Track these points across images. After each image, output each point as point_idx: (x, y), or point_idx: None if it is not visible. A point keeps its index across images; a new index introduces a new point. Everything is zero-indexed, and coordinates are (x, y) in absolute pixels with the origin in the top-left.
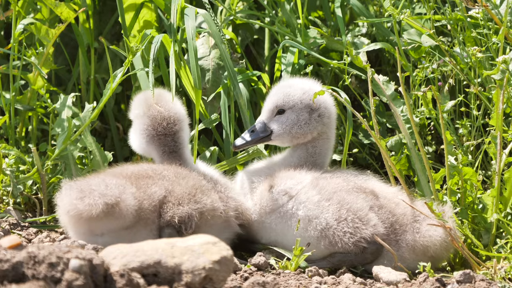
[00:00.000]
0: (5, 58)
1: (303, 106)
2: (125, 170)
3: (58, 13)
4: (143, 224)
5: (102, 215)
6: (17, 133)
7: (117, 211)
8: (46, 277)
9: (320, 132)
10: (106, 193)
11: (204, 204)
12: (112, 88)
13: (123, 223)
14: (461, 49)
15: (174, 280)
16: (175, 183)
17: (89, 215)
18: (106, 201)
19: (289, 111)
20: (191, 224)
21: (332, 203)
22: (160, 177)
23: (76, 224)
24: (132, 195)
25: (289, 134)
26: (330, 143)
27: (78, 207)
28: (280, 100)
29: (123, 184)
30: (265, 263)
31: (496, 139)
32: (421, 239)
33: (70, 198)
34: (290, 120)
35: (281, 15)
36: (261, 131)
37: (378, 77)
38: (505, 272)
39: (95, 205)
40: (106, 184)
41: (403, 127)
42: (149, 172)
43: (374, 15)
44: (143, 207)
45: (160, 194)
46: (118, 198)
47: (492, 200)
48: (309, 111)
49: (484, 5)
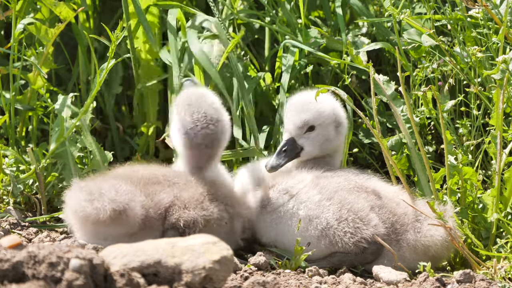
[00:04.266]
0: (5, 58)
1: (331, 121)
2: (136, 174)
3: (57, 13)
4: (148, 231)
5: (109, 220)
6: (17, 133)
7: (124, 218)
8: (46, 276)
9: (341, 143)
10: (115, 199)
11: (211, 212)
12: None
13: (128, 230)
14: (461, 49)
15: (174, 279)
16: (183, 190)
17: (96, 219)
18: (115, 207)
19: (319, 127)
20: (195, 229)
21: (333, 203)
22: (170, 184)
23: (82, 225)
24: (140, 204)
25: (319, 150)
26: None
27: (86, 209)
28: (311, 117)
29: (132, 191)
30: (265, 263)
31: (496, 138)
32: (422, 238)
33: (79, 199)
34: (320, 136)
35: (282, 14)
36: (292, 150)
37: (378, 76)
38: (505, 271)
39: (103, 210)
40: (116, 190)
41: (403, 126)
42: (160, 177)
43: (374, 15)
44: (149, 216)
45: (167, 201)
46: (127, 206)
47: (492, 199)
48: (336, 126)
49: (484, 5)
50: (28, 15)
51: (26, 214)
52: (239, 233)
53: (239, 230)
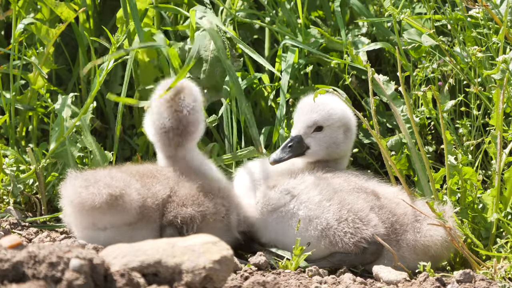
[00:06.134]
0: (5, 58)
1: (341, 124)
2: (130, 169)
3: (58, 13)
4: (146, 222)
5: (105, 206)
6: (17, 132)
7: (121, 203)
8: (46, 276)
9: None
10: (111, 184)
11: (207, 207)
12: (99, 81)
13: (126, 218)
14: (461, 49)
15: (175, 279)
16: (180, 184)
17: (92, 205)
18: (111, 192)
19: (327, 129)
20: (193, 225)
21: (333, 203)
22: (165, 178)
23: (79, 216)
24: (136, 191)
25: (325, 152)
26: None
27: (82, 195)
28: (320, 118)
29: (128, 179)
30: (265, 263)
31: (496, 138)
32: (422, 238)
33: (74, 187)
34: (327, 137)
35: (281, 14)
36: (298, 148)
37: (378, 76)
38: (505, 271)
39: (99, 195)
40: (112, 176)
41: (403, 126)
42: (154, 172)
43: (374, 14)
44: (147, 205)
45: (164, 193)
46: (123, 191)
47: (492, 199)
48: (345, 130)
49: (484, 5)
50: (29, 15)
51: (26, 214)
52: (235, 226)
53: (235, 223)
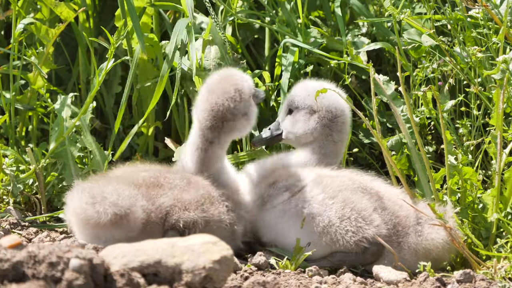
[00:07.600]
0: (5, 58)
1: (306, 106)
2: (137, 176)
3: (58, 13)
4: (148, 234)
5: (109, 224)
6: (17, 132)
7: (125, 222)
8: (46, 276)
9: (322, 133)
10: (117, 203)
11: (211, 214)
12: (99, 81)
13: (128, 233)
14: (461, 49)
15: (175, 279)
16: (184, 192)
17: (97, 222)
18: (116, 212)
19: (295, 111)
20: (195, 230)
21: (336, 202)
22: (171, 187)
23: (82, 227)
24: (141, 208)
25: (293, 134)
26: (337, 146)
27: (87, 212)
28: (288, 100)
29: (134, 195)
30: (265, 263)
31: (496, 138)
32: (423, 242)
33: (80, 201)
34: (295, 120)
35: (282, 14)
36: (274, 129)
37: (378, 76)
38: (505, 271)
39: (105, 214)
40: (119, 194)
41: (403, 126)
42: (161, 180)
43: (374, 14)
44: (150, 220)
45: (168, 205)
46: (128, 210)
47: (492, 199)
48: (310, 112)
49: (484, 5)
50: (29, 15)
51: (26, 214)
52: (240, 236)
53: (241, 233)
